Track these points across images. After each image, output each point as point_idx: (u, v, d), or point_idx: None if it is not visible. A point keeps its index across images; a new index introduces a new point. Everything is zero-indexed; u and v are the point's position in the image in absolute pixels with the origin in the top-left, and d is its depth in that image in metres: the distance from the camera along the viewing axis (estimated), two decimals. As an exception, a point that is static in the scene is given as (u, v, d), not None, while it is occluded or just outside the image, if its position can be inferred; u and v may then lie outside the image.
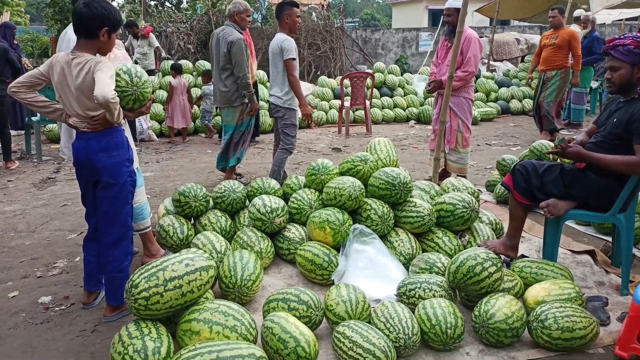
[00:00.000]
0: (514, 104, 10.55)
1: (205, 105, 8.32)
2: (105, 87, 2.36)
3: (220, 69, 5.14)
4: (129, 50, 7.95)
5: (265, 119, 8.91)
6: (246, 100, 5.14)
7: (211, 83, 7.95)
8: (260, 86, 9.28)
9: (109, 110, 2.42)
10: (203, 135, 8.69)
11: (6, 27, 8.87)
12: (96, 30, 2.56)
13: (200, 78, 8.84)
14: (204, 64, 9.40)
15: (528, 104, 10.64)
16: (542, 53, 7.53)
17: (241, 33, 5.12)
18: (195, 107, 8.58)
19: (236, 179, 5.15)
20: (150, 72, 9.03)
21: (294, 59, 4.58)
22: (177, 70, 8.16)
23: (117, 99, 2.42)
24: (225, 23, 5.27)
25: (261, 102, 8.87)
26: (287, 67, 4.61)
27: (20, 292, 3.15)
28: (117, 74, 2.60)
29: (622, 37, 2.80)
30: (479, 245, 3.18)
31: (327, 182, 3.52)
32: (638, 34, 2.83)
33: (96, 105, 2.48)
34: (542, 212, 2.93)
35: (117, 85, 2.59)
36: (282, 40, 4.63)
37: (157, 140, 8.35)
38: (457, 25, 4.47)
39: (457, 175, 4.93)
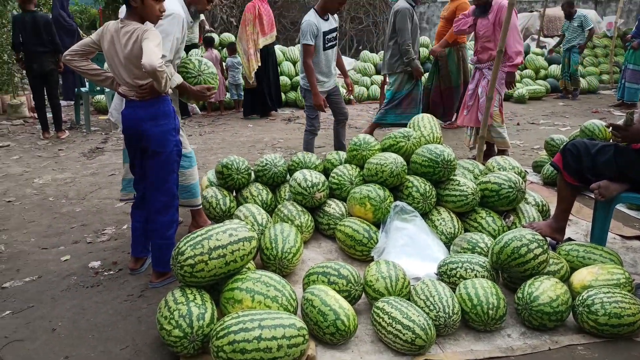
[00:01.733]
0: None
1: (232, 79, 8.35)
2: (153, 56, 2.38)
3: (388, 37, 5.81)
4: None
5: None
6: (408, 68, 5.64)
7: (236, 55, 8.04)
8: (287, 63, 9.31)
9: (156, 79, 2.45)
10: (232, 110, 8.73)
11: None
12: None
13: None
14: (229, 37, 9.46)
15: (582, 82, 10.20)
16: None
17: (412, 5, 5.58)
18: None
19: None
20: (194, 46, 9.13)
21: (308, 44, 4.43)
22: (208, 43, 8.19)
23: (164, 68, 2.44)
24: None
25: (284, 77, 8.92)
26: (303, 52, 4.49)
27: (71, 257, 3.30)
28: (189, 58, 2.82)
29: None
30: (524, 227, 3.10)
31: (369, 158, 3.49)
32: None
33: (144, 74, 2.52)
34: (593, 195, 2.82)
35: (184, 66, 2.82)
36: (303, 22, 4.50)
37: (200, 114, 8.48)
38: (486, 4, 4.42)
39: (502, 154, 4.82)
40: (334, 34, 4.69)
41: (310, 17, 4.48)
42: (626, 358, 2.24)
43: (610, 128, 2.79)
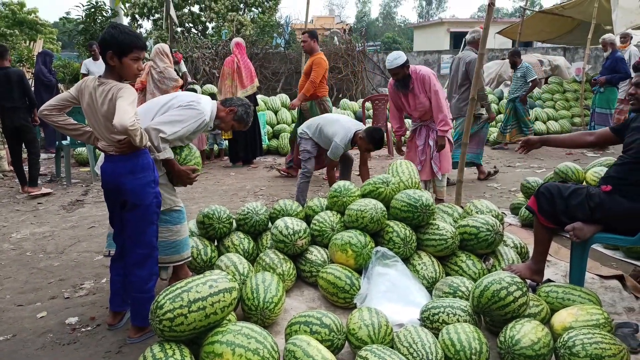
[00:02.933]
0: (538, 126, 10.44)
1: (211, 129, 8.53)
2: (124, 115, 2.41)
3: (458, 84, 6.32)
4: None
5: (287, 142, 9.03)
6: (482, 112, 6.33)
7: None
8: (268, 112, 9.53)
9: (130, 137, 2.49)
10: (224, 159, 8.83)
11: (45, 54, 9.36)
12: (105, 56, 2.63)
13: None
14: (212, 88, 9.71)
15: (552, 125, 10.56)
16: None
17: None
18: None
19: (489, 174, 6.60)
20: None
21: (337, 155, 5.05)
22: None
23: (137, 125, 2.46)
24: (465, 48, 6.56)
25: (268, 127, 9.17)
26: (334, 154, 5.04)
27: (48, 313, 3.22)
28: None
29: None
30: (503, 269, 3.13)
31: (349, 204, 3.53)
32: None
33: None
34: (568, 236, 2.88)
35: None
36: (338, 140, 4.93)
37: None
38: (405, 78, 4.73)
39: (437, 199, 5.00)
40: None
41: (342, 144, 4.92)
42: (610, 400, 2.23)
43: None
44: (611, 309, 2.99)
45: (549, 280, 3.26)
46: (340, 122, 5.03)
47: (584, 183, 4.39)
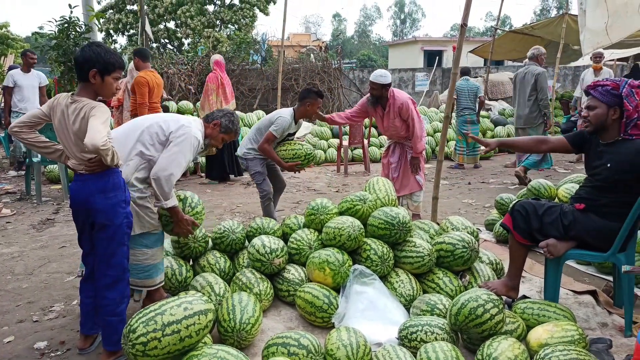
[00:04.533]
0: (511, 142, 10.66)
1: None
2: (96, 135, 2.37)
3: (527, 96, 7.09)
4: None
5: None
6: (545, 118, 7.18)
7: None
8: (245, 129, 9.51)
9: (101, 156, 2.45)
10: (201, 175, 8.76)
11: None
12: (86, 73, 2.58)
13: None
14: (187, 105, 9.68)
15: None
16: None
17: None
18: None
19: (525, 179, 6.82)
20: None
21: (274, 136, 4.59)
22: (164, 112, 8.28)
23: (108, 145, 2.43)
24: (527, 62, 7.34)
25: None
26: (265, 138, 4.62)
27: (15, 337, 3.10)
28: (184, 193, 3.22)
29: (605, 79, 2.91)
30: (479, 286, 3.16)
31: (327, 222, 3.52)
32: (618, 79, 2.93)
33: None
34: (542, 252, 2.93)
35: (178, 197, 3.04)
36: (280, 117, 4.64)
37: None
38: (380, 97, 4.81)
39: (413, 215, 5.05)
40: (292, 136, 4.93)
41: (288, 117, 4.65)
42: (586, 416, 2.25)
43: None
44: (585, 325, 3.03)
45: (524, 297, 3.29)
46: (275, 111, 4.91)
47: (556, 199, 4.47)
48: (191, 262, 3.61)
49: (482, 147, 3.40)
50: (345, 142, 8.95)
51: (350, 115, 5.21)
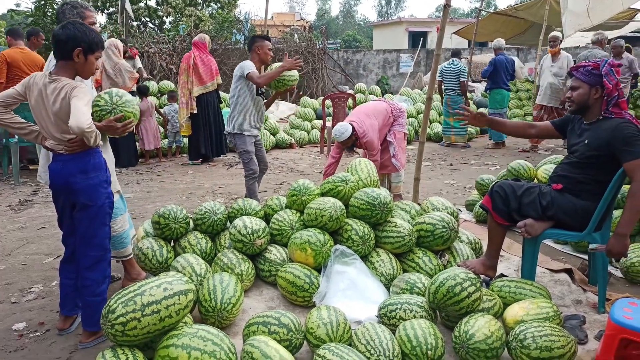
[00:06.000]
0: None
1: (170, 126, 8.48)
2: (81, 117, 2.34)
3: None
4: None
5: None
6: None
7: (174, 103, 8.25)
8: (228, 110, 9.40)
9: (85, 138, 2.41)
10: (179, 156, 8.67)
11: None
12: (70, 52, 2.54)
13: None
14: (169, 84, 9.53)
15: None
16: None
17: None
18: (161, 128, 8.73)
19: None
20: (132, 94, 9.08)
21: (252, 72, 4.47)
22: (142, 92, 8.18)
23: (93, 127, 2.39)
24: (590, 46, 7.80)
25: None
26: (251, 80, 4.51)
27: (-7, 319, 3.07)
28: (99, 95, 2.63)
29: (588, 61, 2.95)
30: (458, 265, 3.20)
31: (308, 202, 3.53)
32: (597, 59, 2.97)
33: None
34: (520, 232, 2.98)
35: (96, 104, 2.61)
36: (243, 65, 4.57)
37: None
38: (353, 144, 4.88)
39: (397, 199, 5.06)
40: (262, 88, 4.84)
41: (250, 63, 4.58)
42: (559, 390, 2.32)
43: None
44: (560, 302, 3.10)
45: (502, 275, 3.35)
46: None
47: (535, 180, 4.54)
48: (172, 243, 3.59)
49: (471, 126, 3.43)
50: (329, 124, 8.92)
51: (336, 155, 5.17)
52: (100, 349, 2.55)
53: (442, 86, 9.18)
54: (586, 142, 2.91)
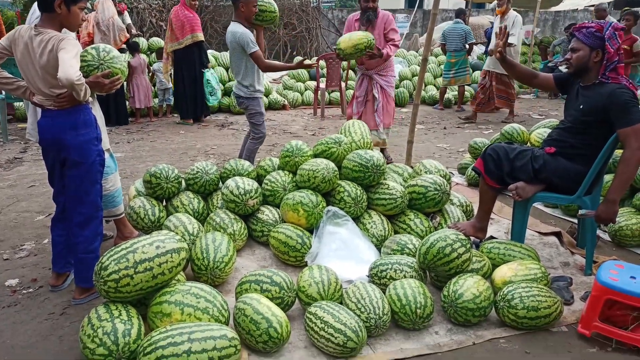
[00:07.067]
0: (488, 88, 10.64)
1: (159, 83, 8.31)
2: (70, 69, 2.28)
3: None
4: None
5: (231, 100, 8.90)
6: None
7: (161, 61, 8.14)
8: (219, 69, 9.23)
9: (75, 91, 2.36)
10: (170, 116, 8.55)
11: None
12: (51, 3, 2.45)
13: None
14: (159, 41, 9.32)
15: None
16: None
17: None
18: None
19: None
20: (121, 51, 8.86)
21: (256, 50, 4.33)
22: (134, 49, 7.98)
23: (83, 80, 2.34)
24: None
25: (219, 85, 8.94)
26: (255, 61, 4.35)
27: (-15, 275, 3.08)
28: (86, 50, 2.56)
29: (591, 22, 2.88)
30: (449, 227, 3.24)
31: (301, 164, 3.51)
32: (601, 21, 2.91)
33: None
34: (511, 195, 2.99)
35: (83, 60, 2.53)
36: (238, 35, 4.31)
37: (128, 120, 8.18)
38: (375, 11, 4.92)
39: (383, 152, 5.18)
40: None
41: (241, 28, 4.31)
42: (543, 348, 2.39)
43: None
44: (548, 264, 3.16)
45: (492, 237, 3.40)
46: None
47: (528, 144, 4.54)
48: (164, 203, 3.59)
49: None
50: (323, 85, 8.81)
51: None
52: (94, 305, 2.58)
53: (445, 48, 8.99)
54: (581, 107, 2.89)
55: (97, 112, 2.98)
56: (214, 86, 7.69)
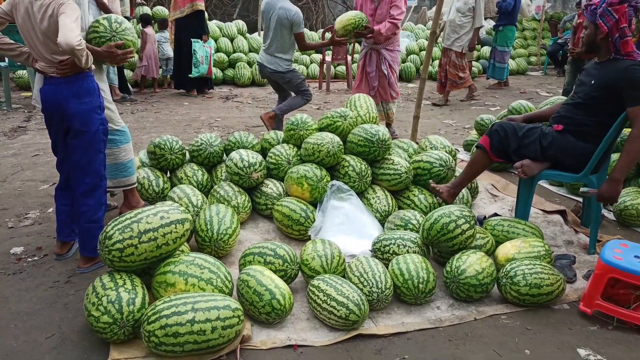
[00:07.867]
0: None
1: (161, 53, 8.25)
2: (70, 33, 2.24)
3: None
4: None
5: (244, 71, 8.78)
6: None
7: (166, 31, 8.12)
8: (224, 40, 9.10)
9: (75, 57, 2.32)
10: (171, 89, 8.47)
11: None
12: None
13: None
14: (163, 10, 9.15)
15: (511, 63, 10.63)
16: None
17: None
18: None
19: None
20: (126, 19, 8.77)
21: (302, 31, 4.83)
22: (146, 21, 7.89)
23: (84, 45, 2.30)
24: None
25: (220, 54, 8.83)
26: (299, 40, 4.84)
27: (-9, 243, 3.10)
28: (97, 20, 2.53)
29: None
30: (430, 185, 3.19)
31: (306, 137, 3.49)
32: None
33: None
34: (516, 172, 2.97)
35: (95, 31, 2.53)
36: (292, 13, 4.72)
37: (132, 91, 8.13)
38: None
39: (387, 124, 5.22)
40: None
41: (293, 6, 4.74)
42: (544, 325, 2.40)
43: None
44: (552, 242, 3.15)
45: (495, 214, 3.39)
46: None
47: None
48: (168, 174, 3.58)
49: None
50: (328, 58, 8.71)
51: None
52: (98, 274, 2.59)
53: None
54: (592, 82, 2.85)
55: (103, 82, 2.95)
56: (198, 58, 7.52)
